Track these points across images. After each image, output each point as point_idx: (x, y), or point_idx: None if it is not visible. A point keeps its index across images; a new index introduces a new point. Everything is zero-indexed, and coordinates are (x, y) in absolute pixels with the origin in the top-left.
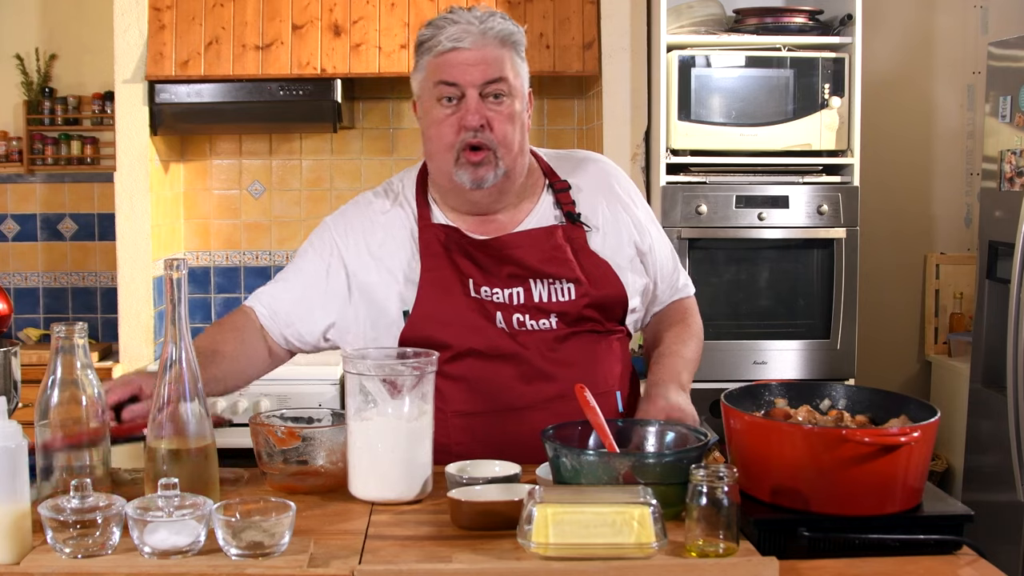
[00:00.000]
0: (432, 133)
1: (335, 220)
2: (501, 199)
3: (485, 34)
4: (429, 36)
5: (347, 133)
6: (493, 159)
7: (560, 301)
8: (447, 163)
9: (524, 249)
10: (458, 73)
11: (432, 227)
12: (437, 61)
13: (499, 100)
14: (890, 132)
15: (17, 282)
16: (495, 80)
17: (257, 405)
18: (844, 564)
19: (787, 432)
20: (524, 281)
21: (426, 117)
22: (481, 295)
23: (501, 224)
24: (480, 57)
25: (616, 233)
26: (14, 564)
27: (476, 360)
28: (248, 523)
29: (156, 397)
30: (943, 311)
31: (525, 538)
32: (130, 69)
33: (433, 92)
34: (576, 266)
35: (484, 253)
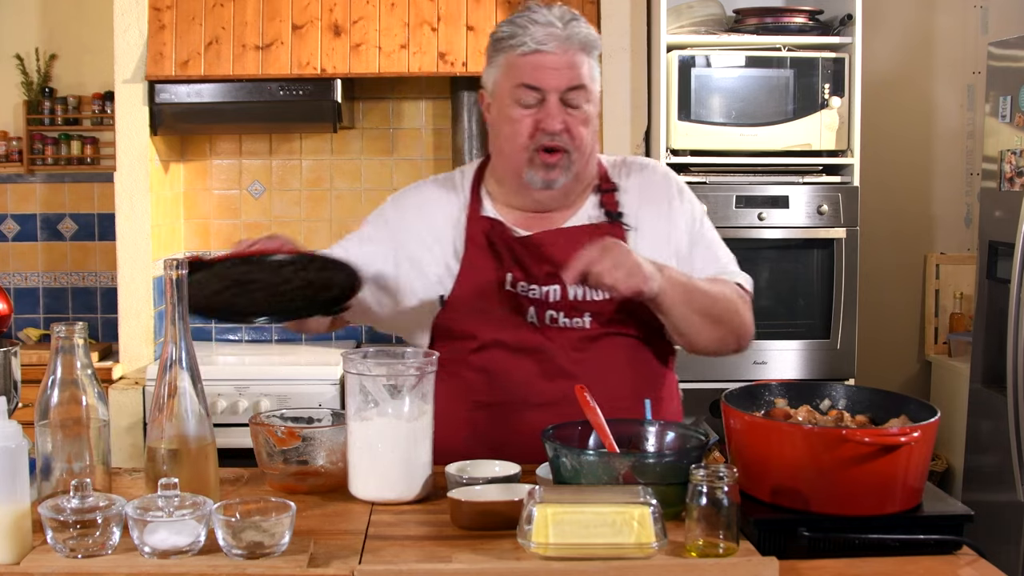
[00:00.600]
0: (507, 131)
1: (395, 199)
2: (564, 200)
3: (570, 39)
4: (510, 34)
5: (347, 133)
6: (567, 162)
7: (595, 300)
8: (519, 162)
9: (560, 247)
10: (541, 77)
11: (479, 219)
12: (519, 61)
13: (577, 105)
14: (890, 132)
15: (17, 282)
16: (577, 87)
17: (257, 405)
18: (844, 564)
19: (787, 432)
20: (560, 279)
21: (500, 114)
22: (518, 290)
23: (545, 221)
24: (564, 62)
25: (657, 238)
26: (14, 564)
27: (500, 352)
28: (248, 523)
29: (156, 397)
30: (943, 311)
31: (525, 538)
32: (130, 69)
33: (512, 92)
34: None
35: (525, 249)
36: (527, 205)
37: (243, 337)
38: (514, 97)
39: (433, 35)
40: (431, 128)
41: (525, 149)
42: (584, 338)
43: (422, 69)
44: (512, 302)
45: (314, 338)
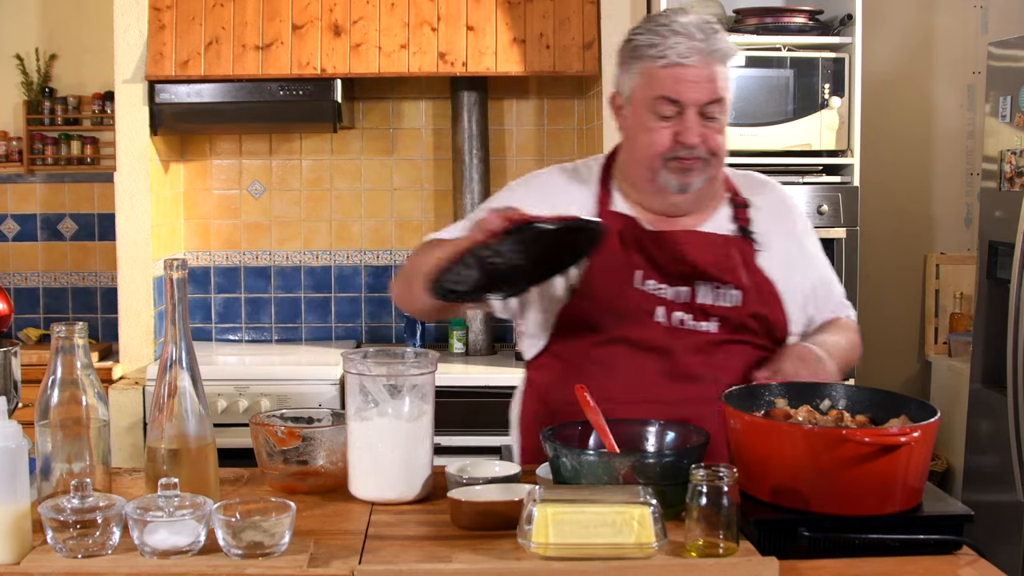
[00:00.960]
0: (643, 140)
1: (524, 184)
2: (696, 204)
3: (712, 53)
4: (650, 43)
5: (347, 133)
6: (703, 167)
7: (724, 306)
8: (653, 168)
9: (696, 249)
10: (682, 91)
11: (610, 214)
12: (660, 73)
13: (714, 117)
14: (890, 132)
15: (17, 282)
16: (715, 100)
17: (257, 405)
18: (844, 564)
19: (787, 432)
20: (691, 281)
21: (637, 123)
22: (646, 288)
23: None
24: (704, 76)
25: (785, 261)
26: (14, 564)
27: (626, 349)
28: (248, 523)
29: (156, 397)
30: (943, 311)
31: (525, 538)
32: (130, 69)
33: (651, 104)
34: (744, 277)
35: (657, 247)
36: (660, 208)
37: (243, 337)
38: (652, 108)
39: (433, 35)
40: (431, 128)
41: (660, 158)
42: (709, 342)
43: (422, 69)
44: (641, 300)
45: (314, 338)
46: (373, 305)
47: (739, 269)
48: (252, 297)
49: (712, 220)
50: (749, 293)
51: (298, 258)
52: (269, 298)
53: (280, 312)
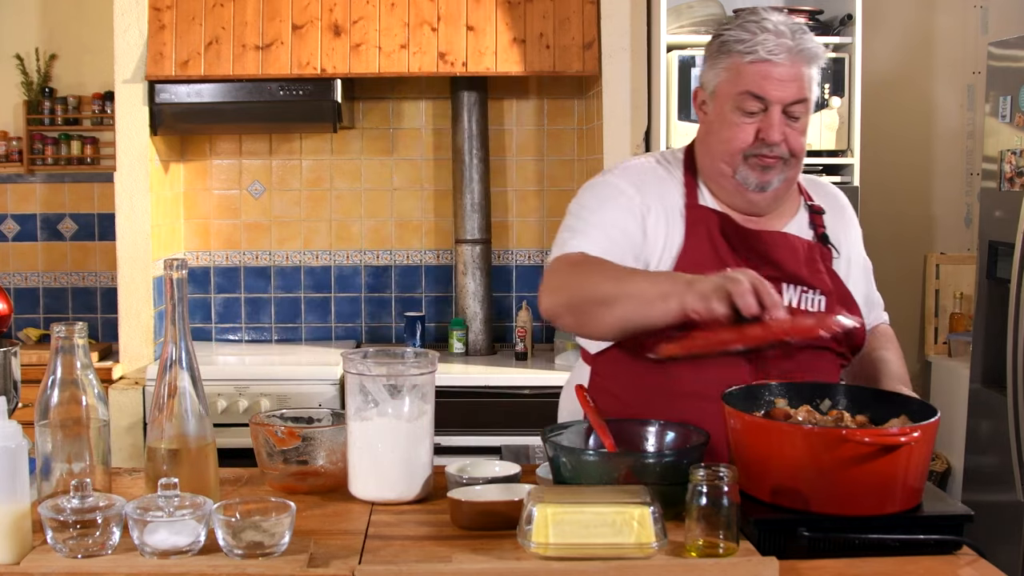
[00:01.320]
0: (725, 135)
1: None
2: (773, 204)
3: (800, 52)
4: (739, 38)
5: (347, 133)
6: (783, 166)
7: (809, 311)
8: (734, 164)
9: (786, 251)
10: (769, 88)
11: (702, 208)
12: (747, 69)
13: (798, 117)
14: (890, 132)
15: (17, 282)
16: (800, 100)
17: (257, 405)
18: (844, 564)
19: (787, 432)
20: (777, 283)
21: (719, 118)
22: None
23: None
24: (791, 75)
25: (852, 267)
26: (14, 564)
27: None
28: (248, 523)
29: (156, 397)
30: (943, 311)
31: (525, 538)
32: (130, 69)
33: (736, 99)
34: (829, 283)
35: (747, 246)
36: (739, 205)
37: (243, 337)
38: (737, 103)
39: (433, 35)
40: (431, 128)
41: (741, 154)
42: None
43: (422, 69)
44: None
45: (314, 338)
46: (373, 305)
47: (823, 274)
48: (252, 297)
49: (793, 224)
50: (833, 299)
51: (298, 258)
52: (269, 298)
53: (280, 312)
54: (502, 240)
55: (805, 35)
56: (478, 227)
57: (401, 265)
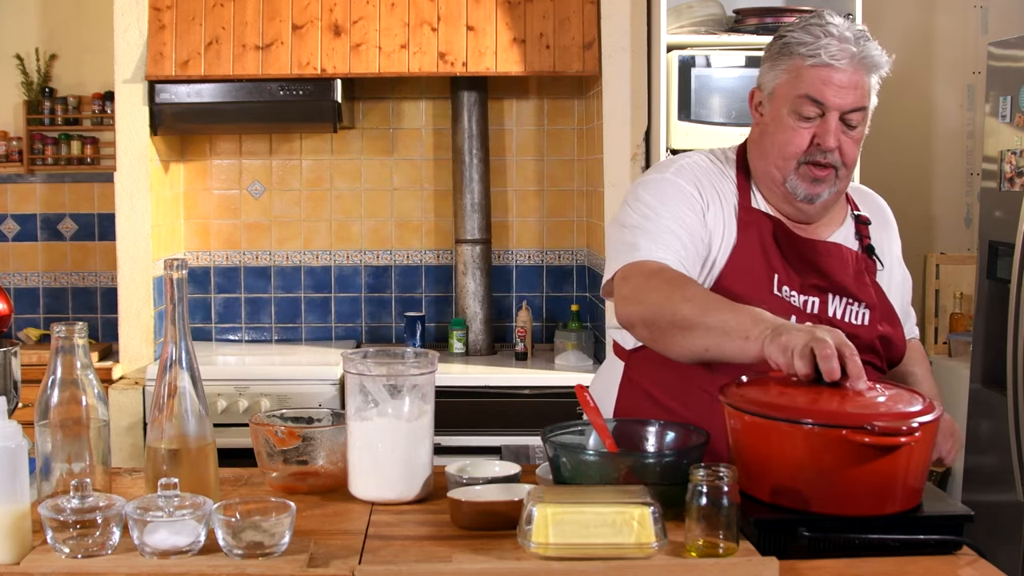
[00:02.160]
0: (780, 139)
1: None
2: (822, 213)
3: (863, 60)
4: (802, 41)
5: (347, 133)
6: (834, 177)
7: (853, 323)
8: (786, 170)
9: (836, 261)
10: (829, 94)
11: (755, 211)
12: (808, 72)
13: (855, 125)
14: (890, 132)
15: (17, 282)
16: (859, 109)
17: (257, 405)
18: (844, 564)
19: (787, 432)
20: (823, 293)
21: (775, 120)
22: (782, 294)
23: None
24: (852, 82)
25: (893, 279)
26: (14, 564)
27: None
28: (248, 523)
29: (156, 397)
30: (943, 311)
31: (525, 538)
32: (130, 69)
33: (794, 102)
34: (873, 295)
35: (796, 253)
36: (787, 212)
37: (243, 337)
38: (794, 107)
39: (433, 35)
40: (431, 128)
41: (794, 158)
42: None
43: (422, 69)
44: (776, 306)
45: (314, 338)
46: (373, 305)
47: (869, 286)
48: (252, 297)
49: (840, 234)
50: (877, 312)
51: (298, 258)
52: (269, 298)
53: (280, 312)
54: (502, 240)
55: (869, 43)
56: (478, 227)
57: (401, 265)
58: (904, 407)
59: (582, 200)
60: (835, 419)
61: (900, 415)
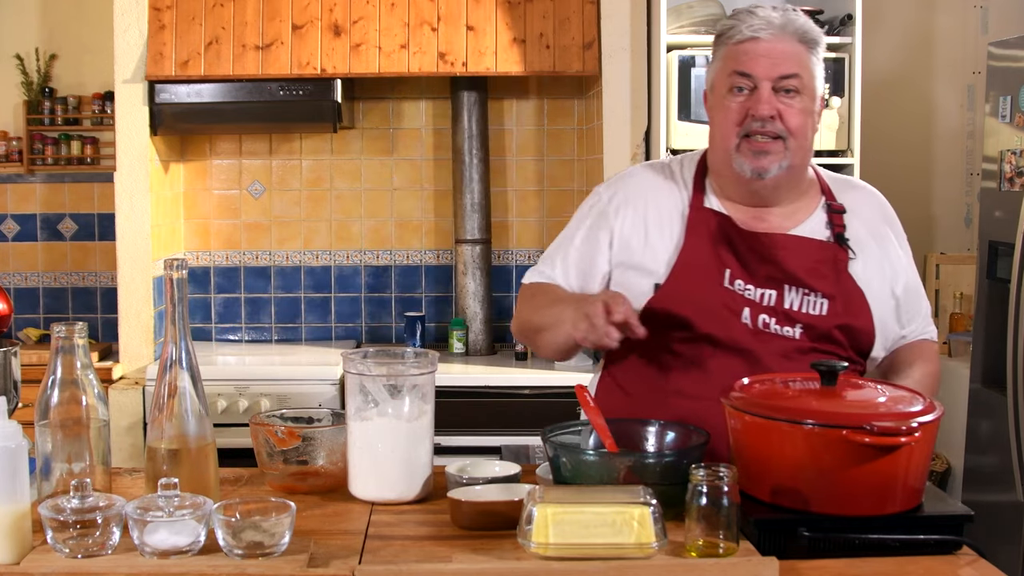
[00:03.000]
0: (719, 119)
1: (608, 190)
2: (777, 194)
3: (785, 28)
4: (729, 26)
5: (347, 133)
6: (781, 149)
7: (810, 314)
8: (728, 149)
9: (789, 253)
10: (753, 64)
11: (704, 211)
12: (735, 50)
13: (791, 95)
14: (890, 132)
15: (17, 282)
16: (790, 75)
17: (257, 405)
18: (844, 564)
19: (787, 432)
20: (779, 285)
21: (715, 105)
22: (734, 287)
23: (771, 225)
24: (777, 50)
25: (878, 270)
26: (14, 564)
27: (712, 348)
28: (248, 523)
29: (156, 397)
30: (943, 311)
31: (525, 538)
32: (130, 69)
33: (726, 81)
34: (834, 285)
35: (748, 248)
36: (742, 197)
37: (243, 337)
38: (728, 85)
39: (433, 35)
40: (431, 128)
41: (734, 135)
42: (795, 349)
43: (422, 69)
44: (728, 299)
45: (314, 338)
46: (373, 305)
47: (830, 277)
48: (252, 297)
49: (807, 224)
50: (837, 302)
51: (298, 258)
52: (269, 298)
53: (280, 312)
54: (502, 240)
55: (797, 16)
56: (478, 227)
57: (401, 265)
58: (904, 407)
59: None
60: (835, 419)
61: (900, 415)
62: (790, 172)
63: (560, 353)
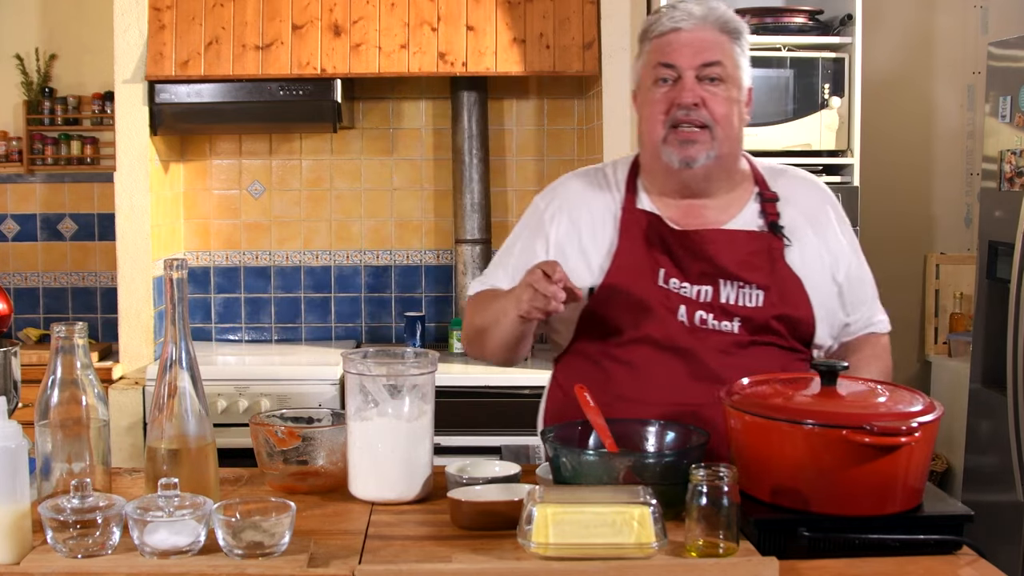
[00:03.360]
0: (645, 112)
1: (544, 199)
2: (708, 185)
3: (706, 18)
4: (652, 21)
5: (347, 133)
6: (708, 138)
7: (747, 306)
8: (655, 142)
9: (721, 247)
10: (675, 54)
11: (635, 211)
12: (657, 43)
13: (715, 83)
14: (890, 132)
15: (17, 282)
16: (712, 63)
17: (257, 405)
18: (844, 564)
19: (787, 432)
20: (714, 280)
21: (641, 99)
22: (669, 286)
23: (705, 220)
24: (700, 39)
25: (816, 257)
26: (14, 564)
27: (650, 349)
28: (248, 523)
29: (156, 397)
30: (943, 311)
31: (525, 538)
32: (130, 69)
33: (651, 74)
34: (769, 275)
35: (680, 245)
36: (674, 190)
37: (243, 337)
38: (652, 78)
39: (433, 35)
40: (431, 128)
41: (661, 125)
42: (734, 343)
43: (422, 69)
44: (663, 298)
45: (314, 338)
46: (373, 305)
47: (764, 268)
48: (252, 297)
49: (740, 217)
50: (773, 293)
51: (298, 258)
52: (269, 298)
53: (280, 312)
54: (502, 240)
55: (718, 7)
56: (478, 227)
57: (401, 265)
58: (904, 407)
59: None
60: (835, 419)
61: (900, 415)
62: (719, 162)
63: (508, 348)
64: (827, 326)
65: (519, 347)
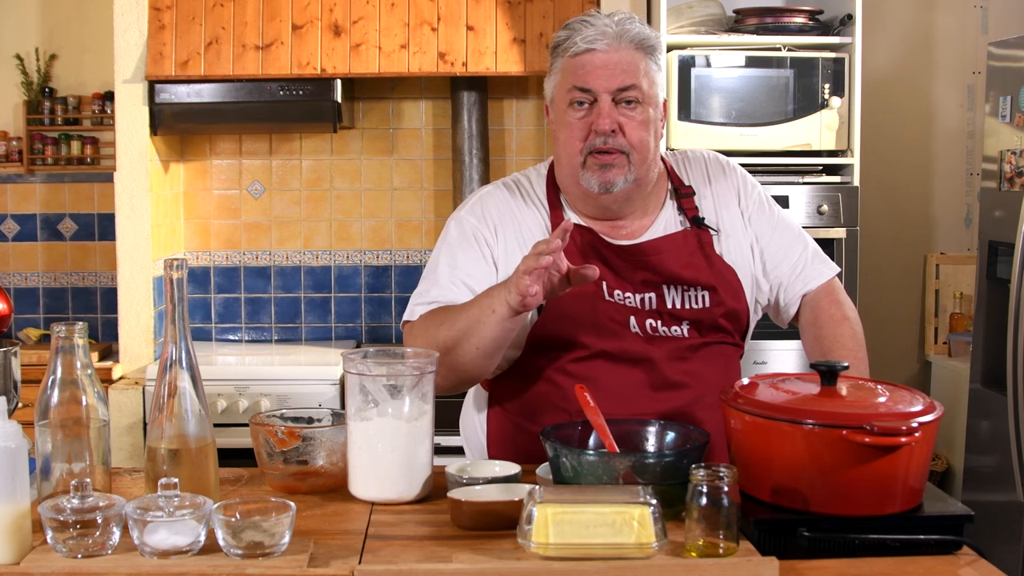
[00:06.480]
0: (562, 137)
1: (473, 213)
2: (628, 206)
3: (620, 37)
4: (564, 38)
5: (347, 133)
6: (625, 163)
7: (694, 308)
8: (574, 166)
9: (661, 255)
10: (591, 78)
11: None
12: (572, 63)
13: (632, 106)
14: (890, 132)
15: (17, 282)
16: (628, 87)
17: (257, 405)
18: (844, 564)
19: (787, 432)
20: (657, 287)
21: (557, 121)
22: (614, 299)
23: (629, 231)
24: (614, 61)
25: (735, 233)
26: (14, 564)
27: (606, 363)
28: (248, 523)
29: (156, 397)
30: (943, 311)
31: (525, 538)
32: (130, 69)
33: (566, 96)
34: (709, 273)
35: (617, 256)
36: (594, 212)
37: (243, 337)
38: (567, 100)
39: (433, 35)
40: (431, 128)
41: (579, 152)
42: (686, 347)
43: (422, 69)
44: (613, 311)
45: (314, 338)
46: (373, 305)
47: (703, 265)
48: (252, 297)
49: (661, 220)
50: (717, 289)
51: (298, 258)
52: (269, 298)
53: (280, 312)
54: None
55: (632, 22)
56: None
57: (401, 265)
58: (904, 407)
59: None
60: (835, 419)
61: (900, 415)
62: (637, 184)
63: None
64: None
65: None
